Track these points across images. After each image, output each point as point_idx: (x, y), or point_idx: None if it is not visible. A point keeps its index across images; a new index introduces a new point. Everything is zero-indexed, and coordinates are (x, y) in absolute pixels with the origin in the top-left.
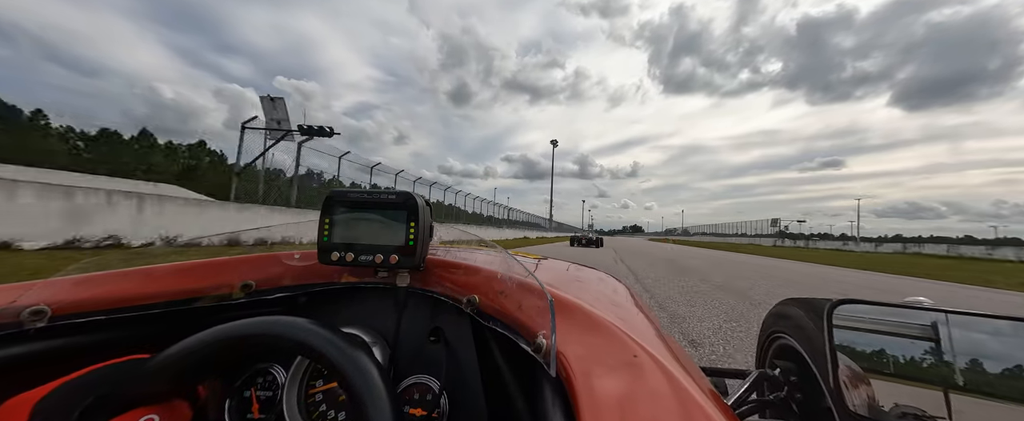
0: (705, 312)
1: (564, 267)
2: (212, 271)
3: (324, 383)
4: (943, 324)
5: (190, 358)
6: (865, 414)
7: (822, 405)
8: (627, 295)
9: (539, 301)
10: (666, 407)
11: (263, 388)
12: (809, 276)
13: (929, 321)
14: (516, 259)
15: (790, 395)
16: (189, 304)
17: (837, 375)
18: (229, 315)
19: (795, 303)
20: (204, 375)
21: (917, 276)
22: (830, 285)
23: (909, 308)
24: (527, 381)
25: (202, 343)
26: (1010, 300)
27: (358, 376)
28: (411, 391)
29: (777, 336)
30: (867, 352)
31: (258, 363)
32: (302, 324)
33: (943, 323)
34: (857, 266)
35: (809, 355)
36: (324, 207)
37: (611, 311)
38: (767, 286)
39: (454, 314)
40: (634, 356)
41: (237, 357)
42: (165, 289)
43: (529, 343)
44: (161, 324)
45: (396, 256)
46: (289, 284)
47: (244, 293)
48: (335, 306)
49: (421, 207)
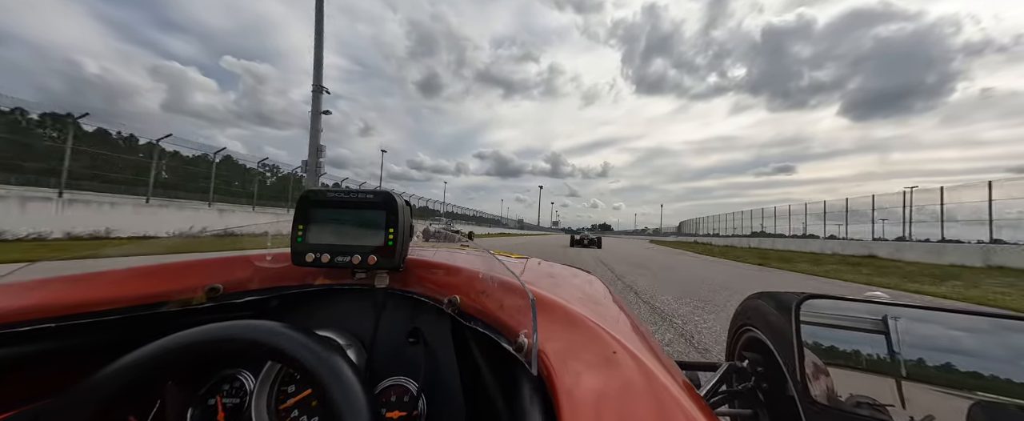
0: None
1: (546, 267)
2: (175, 274)
3: (296, 388)
4: (893, 318)
5: (130, 375)
6: (825, 403)
7: (786, 395)
8: (606, 293)
9: (521, 300)
10: (644, 400)
11: (229, 395)
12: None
13: (882, 315)
14: (498, 259)
15: (757, 385)
16: (150, 310)
17: (802, 367)
18: (194, 320)
19: (763, 297)
20: (140, 399)
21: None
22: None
23: (866, 303)
24: (507, 380)
25: (139, 362)
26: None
27: (331, 378)
28: (388, 393)
29: (746, 329)
30: (828, 344)
31: (224, 369)
32: (271, 327)
33: (893, 317)
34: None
35: (776, 347)
36: (298, 207)
37: (591, 309)
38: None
39: (434, 315)
40: (613, 352)
41: (187, 368)
42: (123, 294)
43: (511, 342)
44: (118, 331)
45: (374, 257)
46: (259, 287)
47: (210, 297)
48: (309, 309)
49: (400, 207)
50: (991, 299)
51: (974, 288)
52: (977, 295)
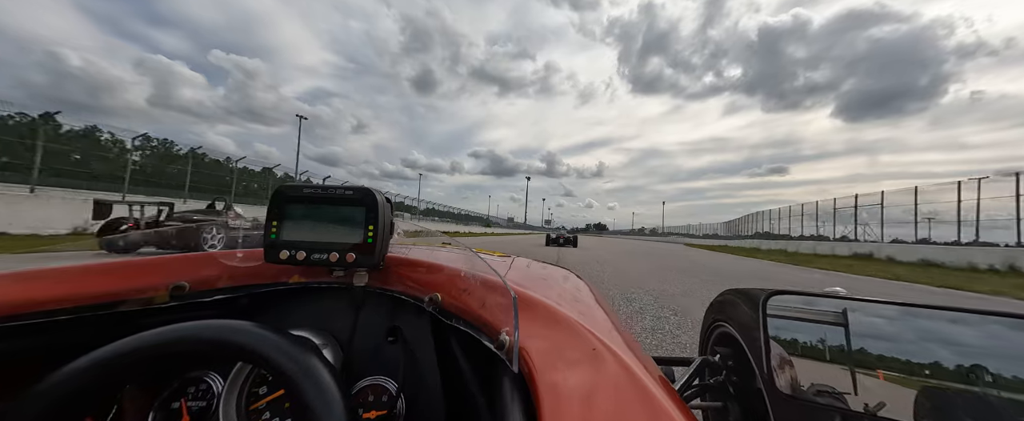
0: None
1: (528, 265)
2: (136, 271)
3: (268, 389)
4: (851, 311)
5: (82, 380)
6: (789, 393)
7: (754, 386)
8: (588, 291)
9: (503, 298)
10: (621, 396)
11: (195, 398)
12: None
13: (842, 308)
14: (481, 257)
15: (727, 378)
16: (107, 309)
17: (769, 359)
18: (157, 321)
19: (735, 294)
20: (94, 406)
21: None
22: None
23: (826, 297)
24: (488, 378)
25: (92, 365)
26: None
27: (305, 378)
28: (366, 393)
29: (718, 324)
30: (793, 337)
31: (190, 371)
32: (240, 327)
33: (851, 311)
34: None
35: (745, 341)
36: (272, 202)
37: (573, 307)
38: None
39: (414, 313)
40: (593, 349)
41: (146, 372)
42: (76, 292)
43: (492, 340)
44: (70, 332)
45: (353, 254)
46: (229, 285)
47: (174, 295)
48: (283, 308)
49: (381, 203)
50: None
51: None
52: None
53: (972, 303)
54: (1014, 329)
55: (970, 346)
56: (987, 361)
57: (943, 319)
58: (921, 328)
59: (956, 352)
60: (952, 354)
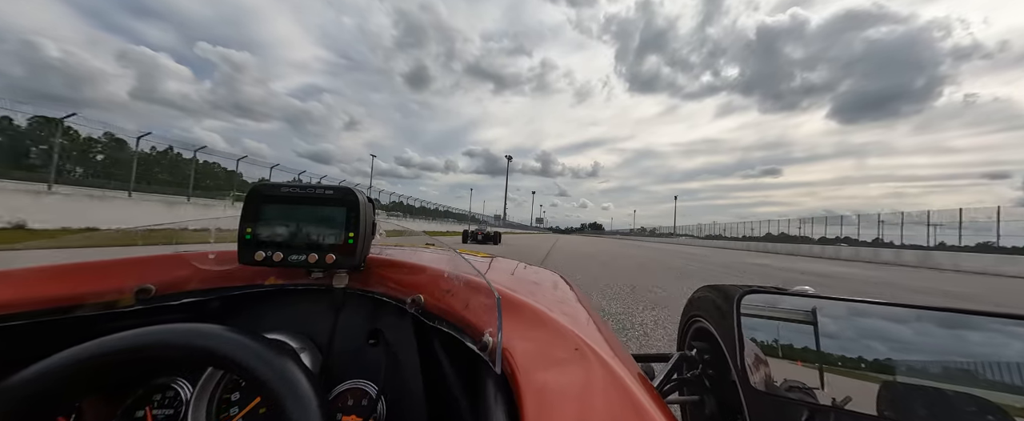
0: None
1: (512, 266)
2: (98, 273)
3: (241, 395)
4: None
5: (34, 389)
6: (762, 388)
7: (729, 380)
8: (570, 292)
9: (486, 299)
10: (602, 395)
11: (161, 406)
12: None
13: (812, 307)
14: (464, 258)
15: (704, 372)
16: (65, 314)
17: (743, 355)
18: (120, 325)
19: (711, 289)
20: (50, 417)
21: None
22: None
23: (798, 296)
24: (471, 380)
25: (46, 373)
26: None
27: (280, 383)
28: (345, 397)
29: (695, 320)
30: (765, 334)
31: (156, 378)
32: (209, 330)
33: (820, 309)
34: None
35: (720, 337)
36: (247, 201)
37: (556, 307)
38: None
39: (396, 315)
40: (575, 349)
41: (107, 380)
42: (31, 295)
43: (475, 341)
44: (24, 339)
45: (333, 255)
46: (200, 287)
47: (140, 299)
48: (258, 311)
49: (362, 203)
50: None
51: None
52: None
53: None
54: (970, 328)
55: (930, 342)
56: (945, 356)
57: (908, 316)
58: (884, 326)
59: (915, 348)
60: (912, 350)
